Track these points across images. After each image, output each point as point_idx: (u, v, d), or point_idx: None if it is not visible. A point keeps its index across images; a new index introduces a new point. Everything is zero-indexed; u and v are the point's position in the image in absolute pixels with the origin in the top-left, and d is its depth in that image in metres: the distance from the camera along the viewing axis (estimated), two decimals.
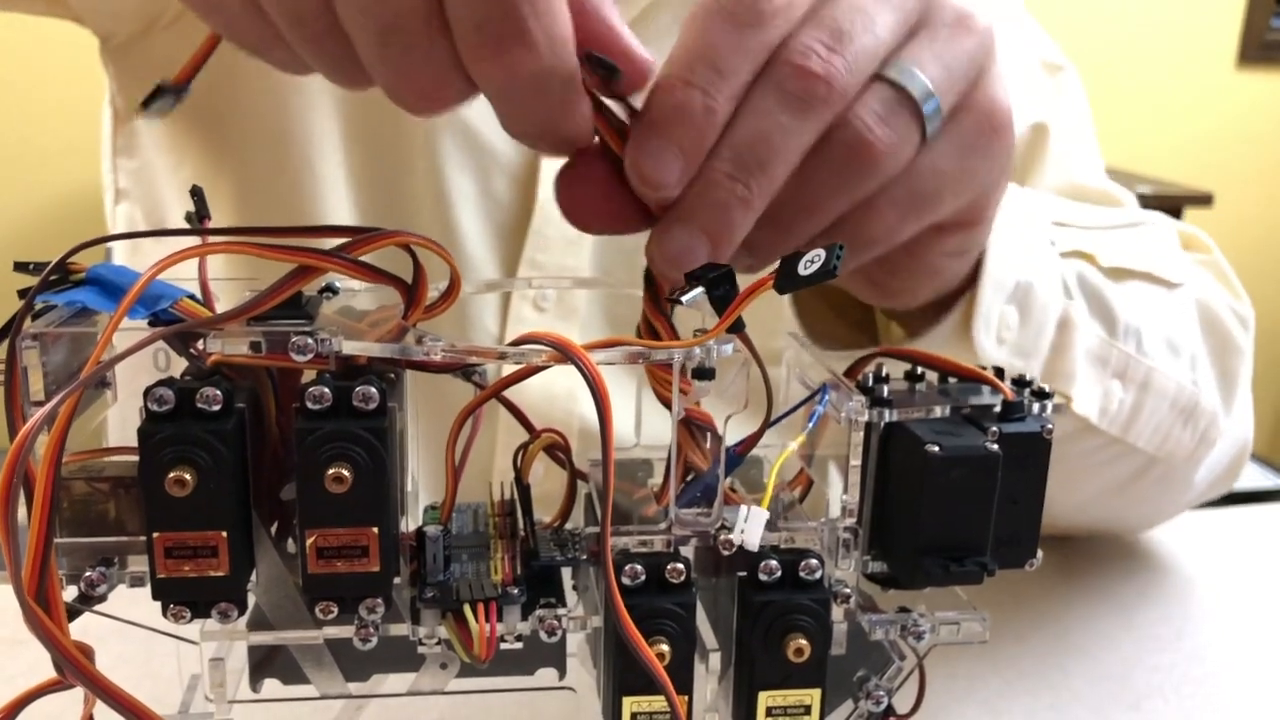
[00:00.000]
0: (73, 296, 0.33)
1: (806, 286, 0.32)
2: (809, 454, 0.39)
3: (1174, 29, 2.71)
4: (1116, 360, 0.58)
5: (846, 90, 0.37)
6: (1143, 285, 0.61)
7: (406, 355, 0.34)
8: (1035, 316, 0.53)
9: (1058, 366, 0.55)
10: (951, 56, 0.40)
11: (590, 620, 0.36)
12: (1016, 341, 0.53)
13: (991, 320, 0.52)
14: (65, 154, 2.19)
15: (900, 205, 0.41)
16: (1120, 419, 0.59)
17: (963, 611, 0.38)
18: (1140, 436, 0.60)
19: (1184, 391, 0.60)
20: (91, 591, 0.34)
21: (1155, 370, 0.59)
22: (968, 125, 0.41)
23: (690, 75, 0.36)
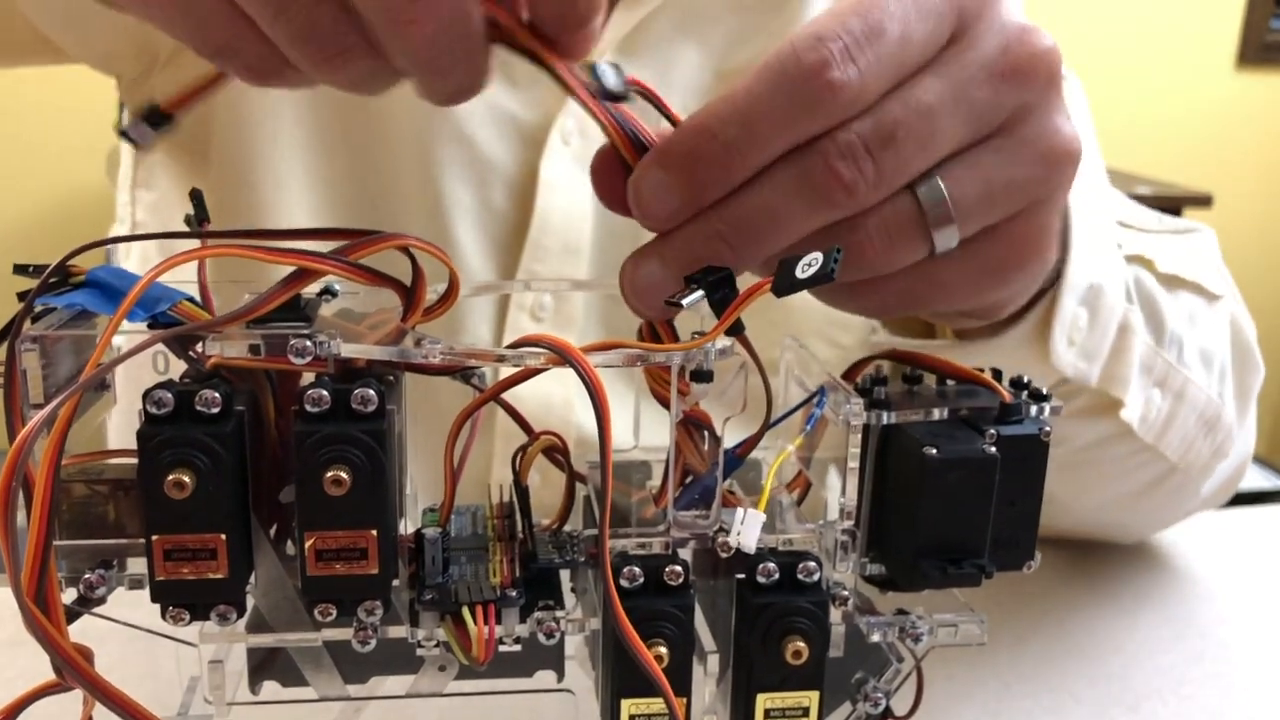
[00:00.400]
0: (72, 299, 0.33)
1: (803, 289, 0.32)
2: (807, 456, 0.39)
3: (1173, 30, 2.71)
4: (1159, 368, 0.57)
5: (866, 202, 0.36)
6: (1190, 296, 0.61)
7: (405, 358, 0.34)
8: (1102, 319, 0.53)
9: (1114, 370, 0.54)
10: (1007, 180, 0.38)
11: (589, 622, 0.37)
12: (1083, 344, 0.52)
13: (1067, 323, 0.51)
14: (66, 155, 2.19)
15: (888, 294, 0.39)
16: (1156, 427, 0.58)
17: (961, 613, 0.38)
18: (1170, 445, 0.60)
19: (1211, 404, 0.60)
20: (90, 594, 0.34)
21: (1190, 381, 0.59)
22: (992, 253, 0.39)
23: (722, 128, 0.35)
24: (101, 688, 0.31)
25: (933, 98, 0.36)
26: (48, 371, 0.33)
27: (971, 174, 0.37)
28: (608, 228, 0.69)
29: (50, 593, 0.30)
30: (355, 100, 0.35)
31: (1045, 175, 0.39)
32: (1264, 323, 0.67)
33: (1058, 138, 0.39)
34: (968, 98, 0.37)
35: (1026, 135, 0.38)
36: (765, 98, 0.35)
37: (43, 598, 0.30)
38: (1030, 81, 0.38)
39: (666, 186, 0.35)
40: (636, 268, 0.37)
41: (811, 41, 0.35)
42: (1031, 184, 0.39)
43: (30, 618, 0.30)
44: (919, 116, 0.36)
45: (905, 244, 0.37)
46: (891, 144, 0.35)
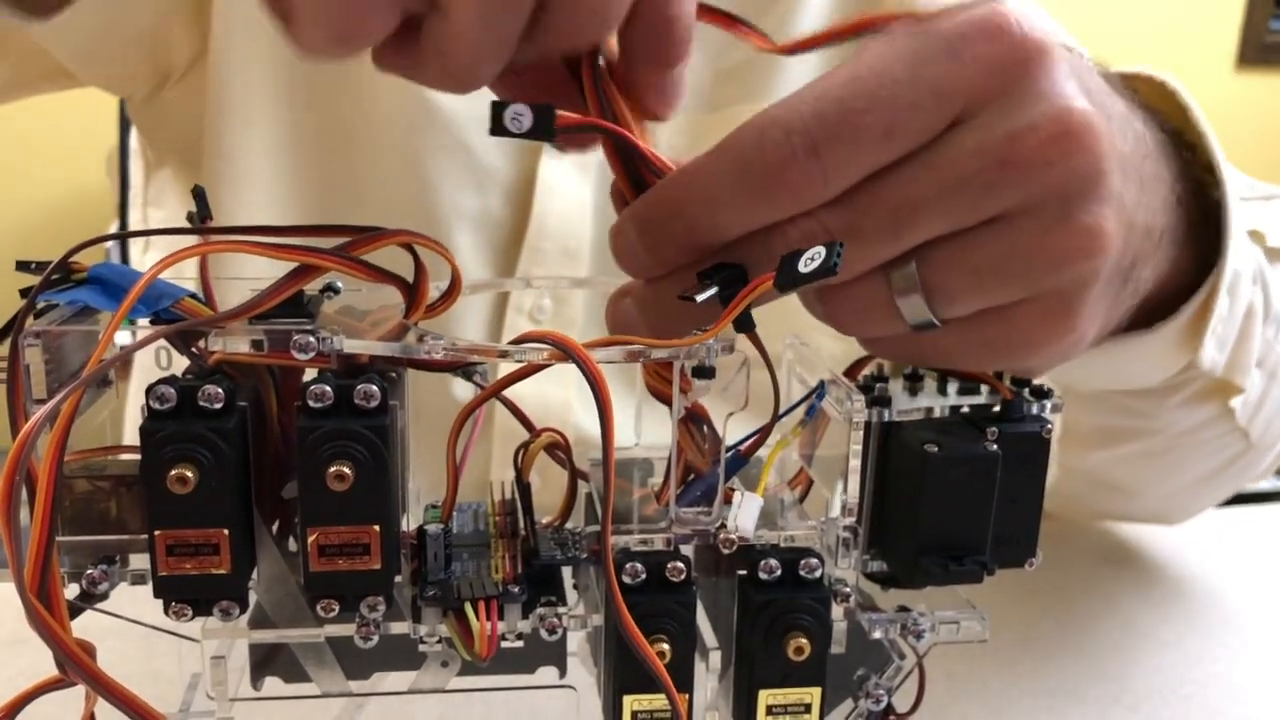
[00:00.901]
0: (74, 295, 0.33)
1: (806, 285, 0.32)
2: (809, 454, 0.39)
3: (1173, 31, 2.72)
4: (1262, 349, 0.54)
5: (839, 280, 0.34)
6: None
7: (408, 354, 0.34)
8: (1238, 305, 0.49)
9: (1238, 358, 0.51)
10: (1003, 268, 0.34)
11: (591, 619, 0.37)
12: (1222, 333, 0.49)
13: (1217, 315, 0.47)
14: (68, 155, 2.19)
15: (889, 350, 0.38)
16: (1250, 408, 0.56)
17: (962, 610, 0.38)
18: (1256, 426, 0.57)
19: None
20: (93, 589, 0.34)
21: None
22: (996, 332, 0.36)
23: (686, 207, 0.35)
24: (104, 683, 0.31)
25: (912, 190, 0.33)
26: (51, 367, 0.33)
27: (957, 258, 0.34)
28: (605, 231, 0.69)
29: (53, 588, 0.30)
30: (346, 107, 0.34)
31: (1053, 271, 0.35)
32: None
33: (1073, 230, 0.34)
34: (957, 189, 0.33)
35: (1033, 225, 0.34)
36: (727, 184, 0.34)
37: (45, 593, 0.30)
38: (1043, 171, 0.33)
39: (636, 249, 0.36)
40: (618, 303, 0.38)
41: (777, 134, 0.33)
42: (1035, 275, 0.35)
43: (33, 613, 0.30)
44: (890, 212, 0.33)
45: (875, 321, 0.36)
46: (856, 236, 0.33)
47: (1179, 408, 0.55)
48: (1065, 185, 0.34)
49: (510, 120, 0.33)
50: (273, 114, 0.68)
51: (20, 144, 2.24)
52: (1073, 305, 0.36)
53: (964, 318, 0.36)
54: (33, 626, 0.30)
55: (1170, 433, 0.57)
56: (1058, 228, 0.34)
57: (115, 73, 0.72)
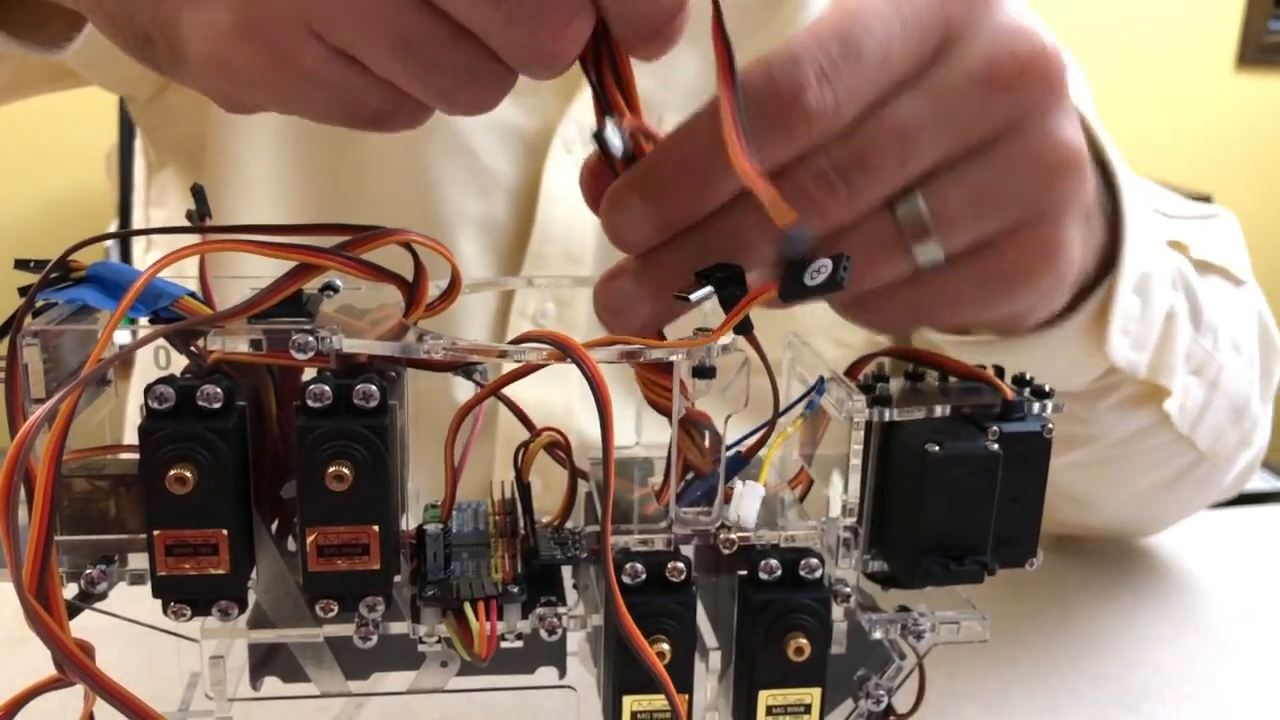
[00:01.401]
0: (73, 294, 0.33)
1: (811, 298, 0.32)
2: (809, 453, 0.39)
3: (1173, 30, 2.72)
4: (1197, 356, 0.56)
5: (837, 221, 0.35)
6: (1219, 281, 0.60)
7: (407, 353, 0.34)
8: (1152, 308, 0.51)
9: (1162, 360, 0.53)
10: (997, 193, 0.36)
11: (590, 619, 0.37)
12: (1136, 334, 0.51)
13: (1122, 312, 0.49)
14: (67, 155, 2.19)
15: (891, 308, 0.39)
16: (1191, 416, 0.57)
17: (963, 611, 0.38)
18: (1201, 435, 0.58)
19: (1241, 392, 0.59)
20: (92, 589, 0.34)
21: (1224, 368, 0.58)
22: (993, 266, 0.38)
23: (696, 158, 0.34)
24: (102, 683, 0.31)
25: (911, 117, 0.35)
26: (49, 366, 0.33)
27: (956, 189, 0.36)
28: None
29: (51, 588, 0.30)
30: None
31: (1043, 187, 0.37)
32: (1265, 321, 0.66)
33: (1055, 147, 0.37)
34: (951, 113, 0.35)
35: (1019, 147, 0.36)
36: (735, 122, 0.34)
37: (44, 593, 0.30)
38: (1022, 90, 0.36)
39: (639, 214, 0.35)
40: (611, 286, 0.37)
41: (787, 64, 0.33)
42: (1027, 196, 0.37)
43: (31, 613, 0.30)
44: (896, 138, 0.35)
45: (885, 260, 0.36)
46: (864, 168, 0.34)
47: (1112, 412, 0.56)
48: (1040, 104, 0.36)
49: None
50: (276, 117, 0.68)
51: (20, 144, 2.24)
52: (1058, 226, 0.38)
53: (963, 255, 0.37)
54: (31, 627, 0.30)
55: (1110, 439, 0.57)
56: (1039, 145, 0.36)
57: (119, 74, 0.72)
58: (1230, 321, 0.59)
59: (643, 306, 0.36)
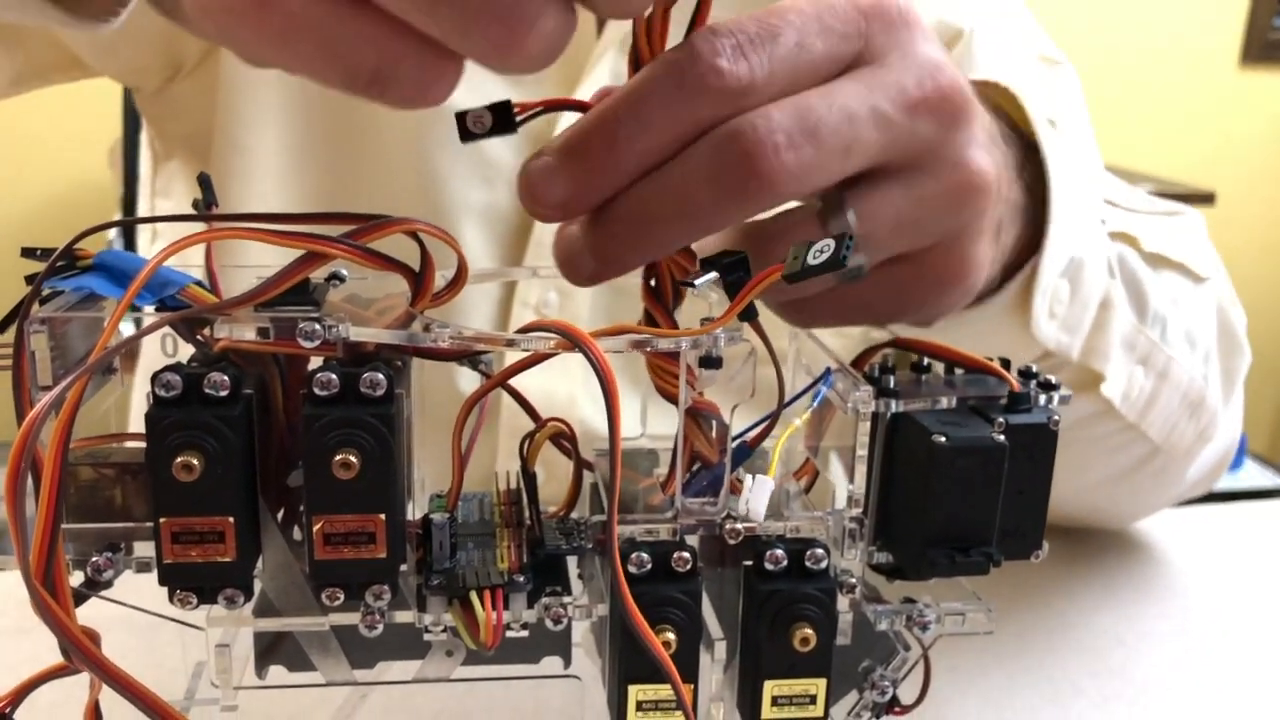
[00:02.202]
0: (80, 282, 0.33)
1: (814, 276, 0.32)
2: (815, 444, 0.39)
3: (1177, 28, 2.71)
4: (1142, 346, 0.58)
5: (781, 193, 0.35)
6: (1175, 276, 0.61)
7: (414, 342, 0.34)
8: (1083, 292, 0.53)
9: (1095, 344, 0.55)
10: (916, 215, 0.39)
11: (596, 609, 0.36)
12: (1065, 317, 0.53)
13: (1048, 293, 0.51)
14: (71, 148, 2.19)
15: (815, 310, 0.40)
16: (1139, 405, 0.58)
17: (968, 602, 0.38)
18: (1152, 425, 0.60)
19: (1195, 385, 0.60)
20: (98, 577, 0.34)
21: (1174, 360, 0.59)
22: (907, 277, 0.40)
23: (611, 113, 0.35)
24: (108, 670, 0.31)
25: (853, 103, 0.36)
26: (56, 354, 0.33)
27: (882, 207, 0.38)
28: None
29: (58, 576, 0.30)
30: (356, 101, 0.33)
31: (956, 210, 0.39)
32: (1265, 320, 0.67)
33: (968, 173, 0.39)
34: (885, 114, 0.36)
35: (937, 171, 0.38)
36: (653, 83, 0.34)
37: (51, 580, 0.30)
38: (942, 115, 0.38)
39: (553, 171, 0.35)
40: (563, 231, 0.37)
41: (705, 34, 0.35)
42: (941, 218, 0.39)
43: (38, 599, 0.30)
44: (841, 117, 0.35)
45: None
46: (814, 138, 0.35)
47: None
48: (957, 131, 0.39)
49: (473, 124, 0.34)
50: (283, 107, 0.68)
51: (24, 136, 2.24)
52: (970, 243, 0.41)
53: (881, 265, 0.39)
54: (37, 613, 0.30)
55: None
56: (958, 171, 0.39)
57: (129, 65, 0.72)
58: (1184, 315, 0.60)
59: (587, 261, 0.36)
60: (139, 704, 0.31)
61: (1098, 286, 0.54)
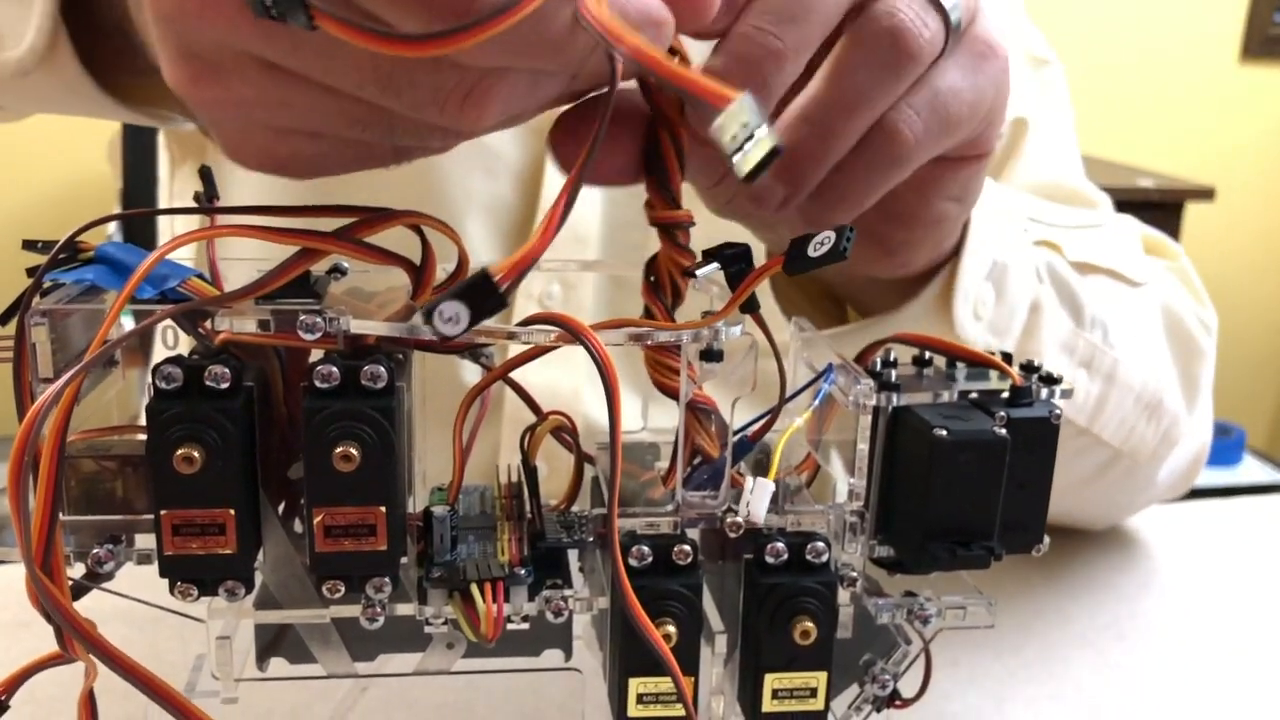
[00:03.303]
0: (81, 274, 0.33)
1: (816, 268, 0.32)
2: (816, 439, 0.39)
3: (1177, 23, 2.71)
4: (1083, 349, 0.58)
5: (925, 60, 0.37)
6: (1106, 281, 0.62)
7: (414, 335, 0.34)
8: (1009, 296, 0.54)
9: (1027, 347, 0.56)
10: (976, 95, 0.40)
11: (596, 602, 0.36)
12: (992, 320, 0.53)
13: (970, 295, 0.52)
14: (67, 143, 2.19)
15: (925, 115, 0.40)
16: (1087, 409, 0.59)
17: (969, 596, 0.38)
18: (1106, 428, 0.60)
19: (1148, 387, 0.61)
20: (99, 569, 0.34)
21: (1120, 363, 0.59)
22: (973, 47, 0.41)
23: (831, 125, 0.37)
24: (108, 651, 0.30)
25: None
26: (56, 346, 0.33)
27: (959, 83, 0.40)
28: (615, 216, 0.69)
29: (56, 562, 0.30)
30: None
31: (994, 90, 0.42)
32: (1266, 316, 0.67)
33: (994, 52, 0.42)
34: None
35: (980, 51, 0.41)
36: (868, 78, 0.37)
37: (48, 570, 0.30)
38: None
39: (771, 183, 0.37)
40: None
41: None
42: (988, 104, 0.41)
43: (38, 582, 0.29)
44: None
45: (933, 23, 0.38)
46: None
47: None
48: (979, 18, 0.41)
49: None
50: None
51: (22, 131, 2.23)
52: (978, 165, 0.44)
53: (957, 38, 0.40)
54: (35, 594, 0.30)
55: None
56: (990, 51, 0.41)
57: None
58: (1125, 319, 0.61)
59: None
60: (137, 683, 0.31)
61: (1025, 290, 0.55)
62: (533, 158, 0.69)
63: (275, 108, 0.33)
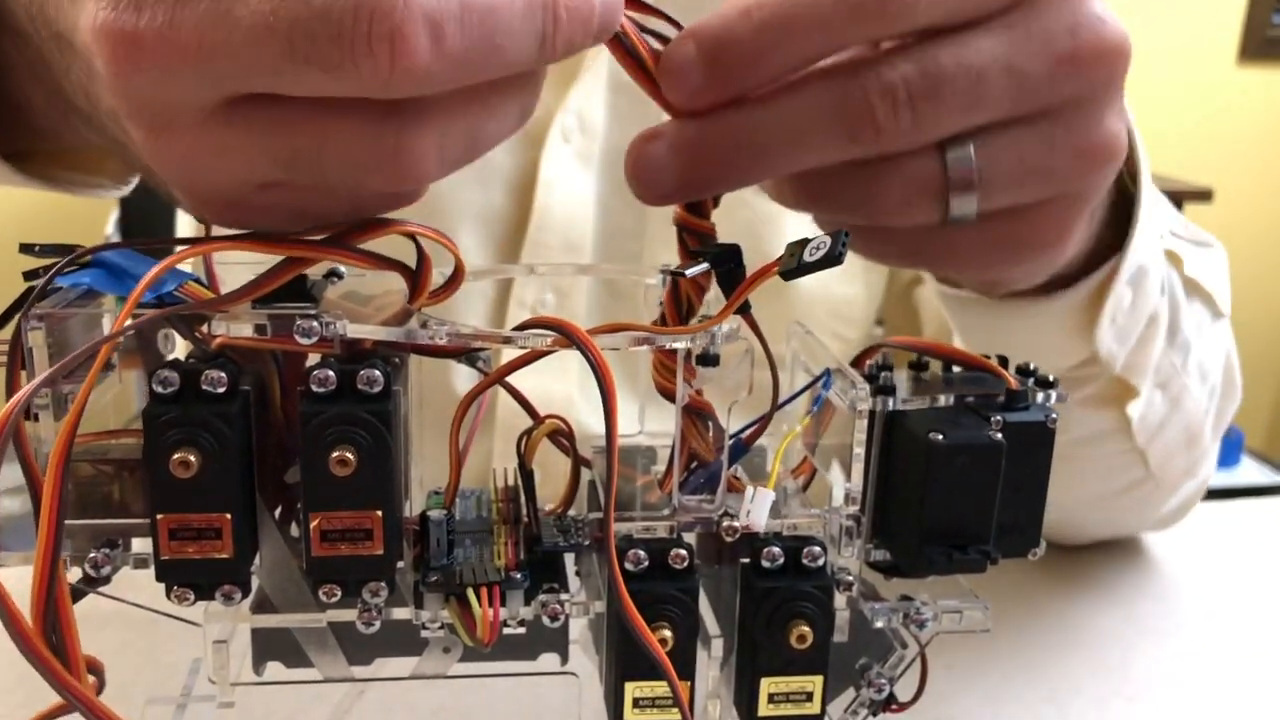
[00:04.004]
0: (79, 279, 0.33)
1: (811, 273, 0.32)
2: (813, 442, 0.39)
3: (1175, 25, 2.71)
4: (1165, 370, 0.56)
5: (891, 148, 0.35)
6: (1201, 307, 0.60)
7: (411, 339, 0.34)
8: (1140, 303, 0.51)
9: (1137, 359, 0.53)
10: (1041, 166, 0.37)
11: (593, 606, 0.37)
12: (1122, 325, 0.51)
13: (1117, 298, 0.49)
14: None
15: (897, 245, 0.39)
16: (1149, 429, 0.57)
17: (965, 600, 0.38)
18: (1156, 452, 0.59)
19: (1196, 418, 0.60)
20: (95, 573, 0.34)
21: (1187, 390, 0.58)
22: (1009, 232, 0.38)
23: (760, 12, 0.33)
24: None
25: (986, 60, 0.34)
26: (54, 351, 0.33)
27: (1006, 151, 0.36)
28: (610, 224, 0.69)
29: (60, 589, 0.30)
30: None
31: (1082, 170, 0.37)
32: (1264, 318, 0.67)
33: (1105, 136, 0.37)
34: (1022, 70, 0.35)
35: (1074, 125, 0.36)
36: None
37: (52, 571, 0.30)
38: (1091, 72, 0.36)
39: (693, 62, 0.34)
40: (644, 145, 0.36)
41: None
42: (1065, 176, 0.37)
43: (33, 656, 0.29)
44: (968, 76, 0.34)
45: (921, 204, 0.36)
46: (934, 97, 0.34)
47: (1080, 407, 0.56)
48: (1103, 92, 0.37)
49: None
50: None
51: None
52: (1079, 210, 0.39)
53: (987, 216, 0.37)
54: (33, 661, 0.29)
55: (1070, 436, 0.56)
56: (1094, 131, 0.37)
57: None
58: (1201, 348, 0.60)
59: (669, 176, 0.35)
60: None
61: (1151, 300, 0.52)
62: (525, 167, 0.69)
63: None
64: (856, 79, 0.34)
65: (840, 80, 0.34)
